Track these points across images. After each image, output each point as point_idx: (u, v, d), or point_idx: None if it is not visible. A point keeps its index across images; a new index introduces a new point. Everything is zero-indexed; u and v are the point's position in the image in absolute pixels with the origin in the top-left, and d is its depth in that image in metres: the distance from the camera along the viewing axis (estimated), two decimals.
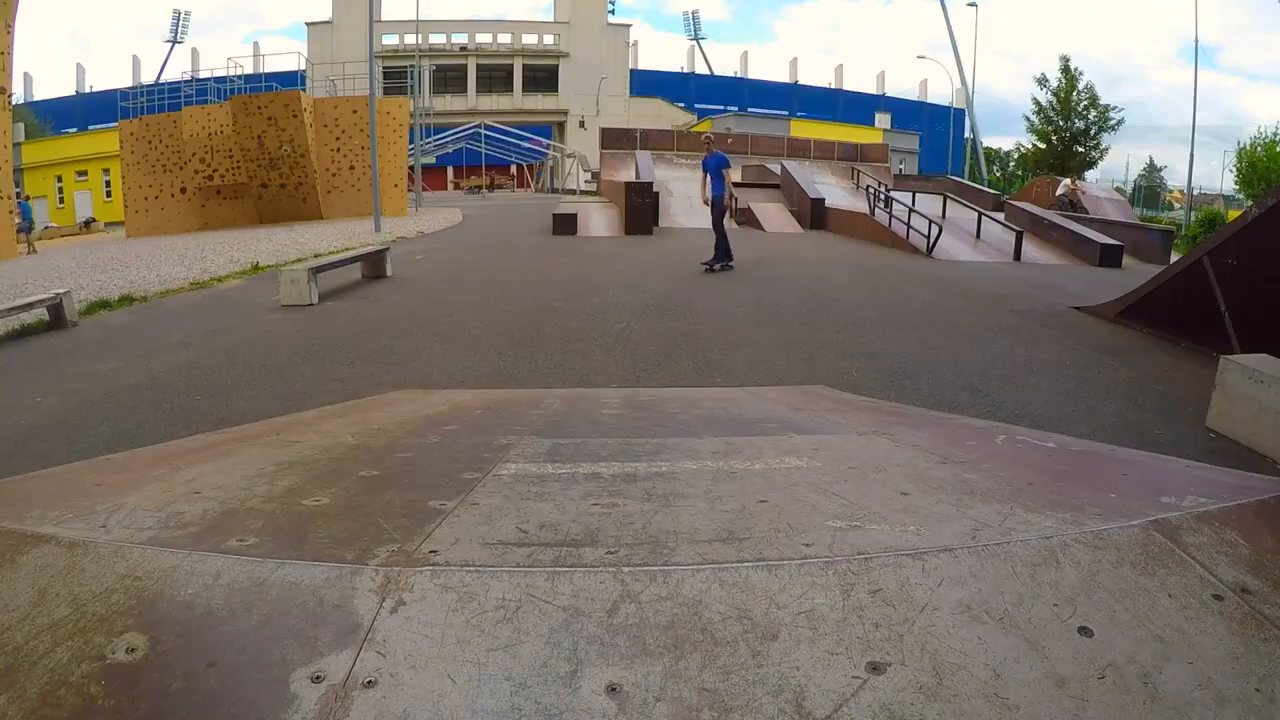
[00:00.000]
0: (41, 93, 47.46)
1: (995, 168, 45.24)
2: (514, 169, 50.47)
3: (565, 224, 15.82)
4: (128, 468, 1.67)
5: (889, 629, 0.88)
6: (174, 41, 52.78)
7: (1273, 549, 1.07)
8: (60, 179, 37.26)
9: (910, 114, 51.77)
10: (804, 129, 38.58)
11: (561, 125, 50.65)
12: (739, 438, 1.93)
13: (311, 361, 5.32)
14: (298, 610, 0.91)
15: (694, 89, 54.28)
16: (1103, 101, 35.10)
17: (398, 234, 15.65)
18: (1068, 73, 35.22)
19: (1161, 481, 1.46)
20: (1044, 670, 0.83)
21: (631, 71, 52.98)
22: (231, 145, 20.94)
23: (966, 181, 26.86)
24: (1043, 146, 36.02)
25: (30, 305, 6.76)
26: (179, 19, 53.04)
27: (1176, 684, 0.83)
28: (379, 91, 18.81)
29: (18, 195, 23.93)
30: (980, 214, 14.85)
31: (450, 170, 48.99)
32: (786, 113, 49.61)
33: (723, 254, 10.22)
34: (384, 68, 33.58)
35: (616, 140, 24.57)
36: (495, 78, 51.83)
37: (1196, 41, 27.30)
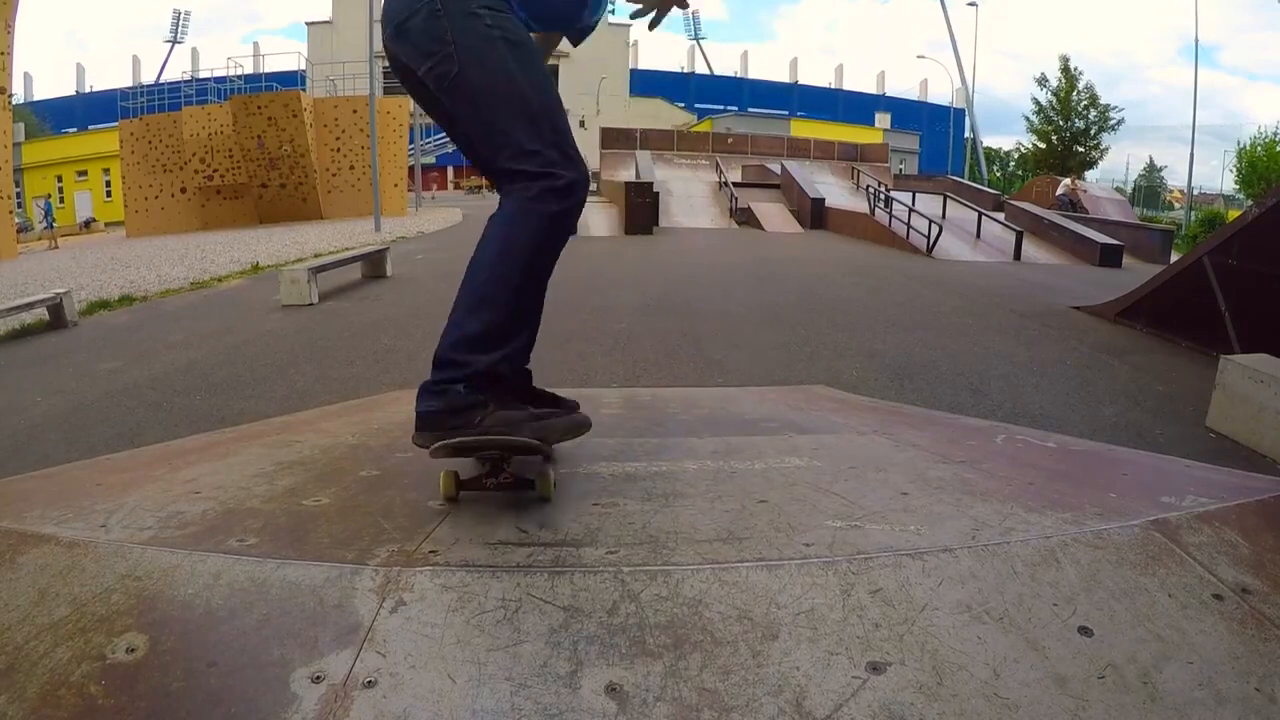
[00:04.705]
0: (41, 93, 47.52)
1: (995, 168, 45.20)
2: None
3: None
4: (128, 468, 1.67)
5: (889, 629, 0.88)
6: (174, 41, 52.80)
7: (1273, 549, 1.07)
8: (60, 179, 37.22)
9: (910, 114, 51.75)
10: (804, 129, 38.59)
11: None
12: (739, 438, 1.93)
13: (311, 361, 5.32)
14: (298, 610, 0.91)
15: (694, 89, 54.28)
16: (1103, 101, 35.16)
17: (398, 234, 15.65)
18: (1068, 73, 35.24)
19: (1161, 481, 1.46)
20: (1044, 670, 0.83)
21: (631, 71, 52.96)
22: (231, 145, 20.94)
23: (966, 181, 26.85)
24: (1043, 146, 36.02)
25: (30, 305, 6.76)
26: (179, 19, 53.07)
27: (1176, 684, 0.83)
28: (379, 91, 18.80)
29: (42, 196, 24.46)
30: (980, 214, 14.86)
31: (450, 170, 48.98)
32: (786, 113, 49.63)
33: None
34: (384, 67, 33.53)
35: (616, 140, 24.59)
36: None
37: (1196, 41, 27.31)
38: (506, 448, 1.22)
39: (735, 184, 20.40)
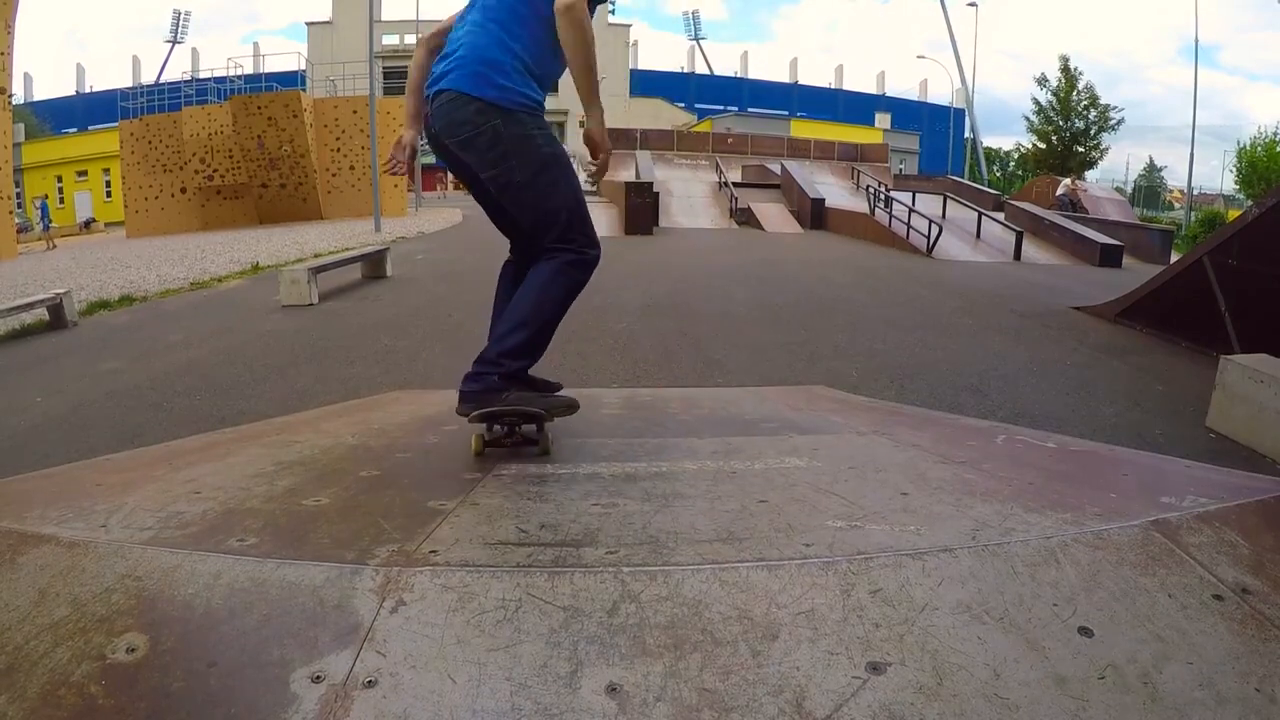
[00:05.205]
0: (41, 93, 47.44)
1: (995, 168, 45.11)
2: None
3: None
4: (128, 468, 1.67)
5: (889, 629, 0.88)
6: (174, 41, 52.71)
7: (1273, 549, 1.07)
8: (60, 179, 37.21)
9: (910, 114, 51.70)
10: (804, 129, 38.54)
11: (561, 125, 50.64)
12: (739, 438, 1.93)
13: (311, 361, 5.31)
14: (298, 610, 0.91)
15: (694, 89, 54.23)
16: (1103, 101, 35.04)
17: (398, 234, 15.64)
18: (1068, 73, 35.16)
19: (1161, 481, 1.46)
20: (1044, 670, 0.83)
21: (631, 71, 52.89)
22: (231, 145, 20.93)
23: (966, 181, 26.83)
24: (1043, 146, 35.96)
25: (30, 305, 6.76)
26: (179, 19, 52.99)
27: (1176, 684, 0.82)
28: (379, 91, 18.81)
29: (39, 197, 24.60)
30: (980, 214, 14.85)
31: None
32: (786, 113, 49.55)
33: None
34: (384, 67, 33.55)
35: (616, 140, 24.48)
36: None
37: (1196, 41, 27.26)
38: (523, 415, 1.75)
39: (735, 184, 20.39)
